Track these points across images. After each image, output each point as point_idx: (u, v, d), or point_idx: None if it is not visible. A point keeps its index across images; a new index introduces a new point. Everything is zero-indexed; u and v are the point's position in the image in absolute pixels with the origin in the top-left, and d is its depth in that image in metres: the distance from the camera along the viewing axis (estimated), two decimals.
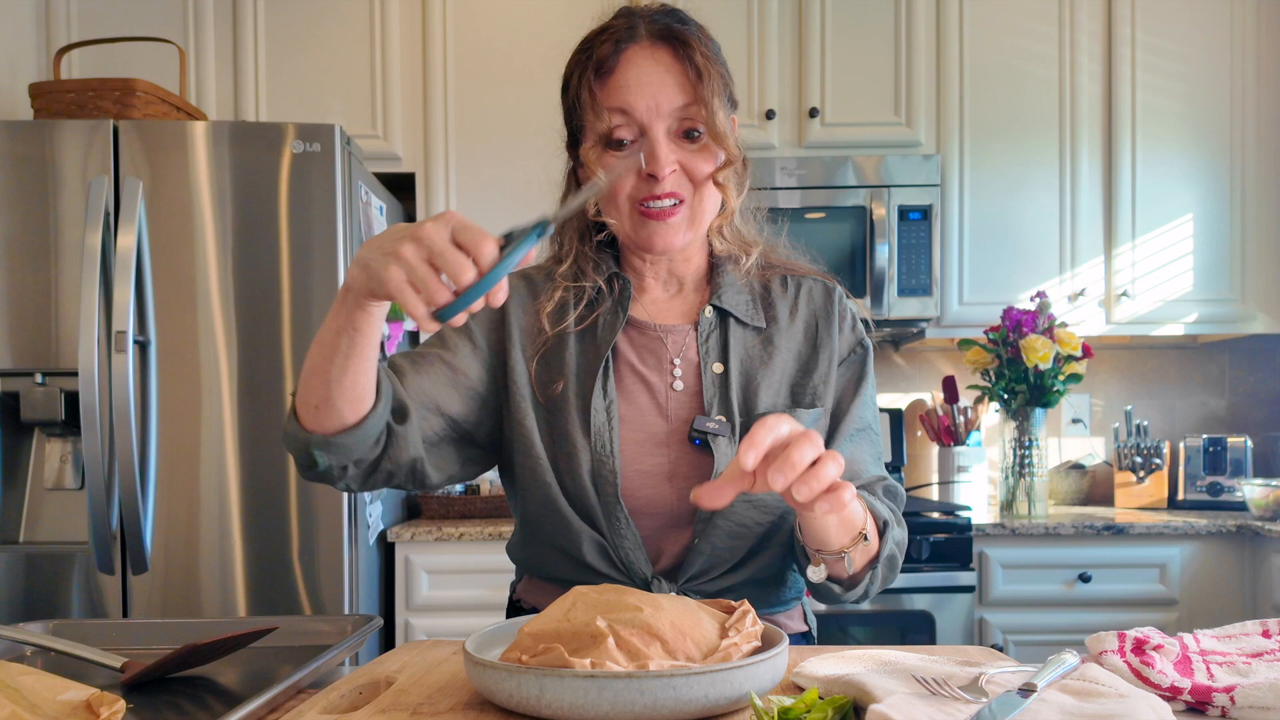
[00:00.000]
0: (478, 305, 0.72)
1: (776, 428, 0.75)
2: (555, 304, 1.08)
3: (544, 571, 1.10)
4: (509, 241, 0.73)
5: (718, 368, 1.05)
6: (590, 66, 1.01)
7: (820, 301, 1.11)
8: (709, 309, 1.08)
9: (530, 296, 1.10)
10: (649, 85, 0.98)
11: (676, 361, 1.07)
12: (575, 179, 1.10)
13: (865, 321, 1.15)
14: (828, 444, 1.06)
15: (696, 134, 1.00)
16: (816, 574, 0.94)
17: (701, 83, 0.98)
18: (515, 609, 1.16)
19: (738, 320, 1.08)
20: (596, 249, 1.10)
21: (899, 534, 1.00)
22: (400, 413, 0.97)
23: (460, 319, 0.73)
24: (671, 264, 1.10)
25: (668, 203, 1.00)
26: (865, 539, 0.91)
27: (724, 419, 1.02)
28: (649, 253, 1.05)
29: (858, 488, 1.02)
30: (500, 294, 0.73)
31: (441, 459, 1.04)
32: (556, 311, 1.08)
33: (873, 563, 0.95)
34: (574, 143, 1.07)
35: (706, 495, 0.78)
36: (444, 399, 1.03)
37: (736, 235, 1.11)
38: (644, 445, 1.03)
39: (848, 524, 0.90)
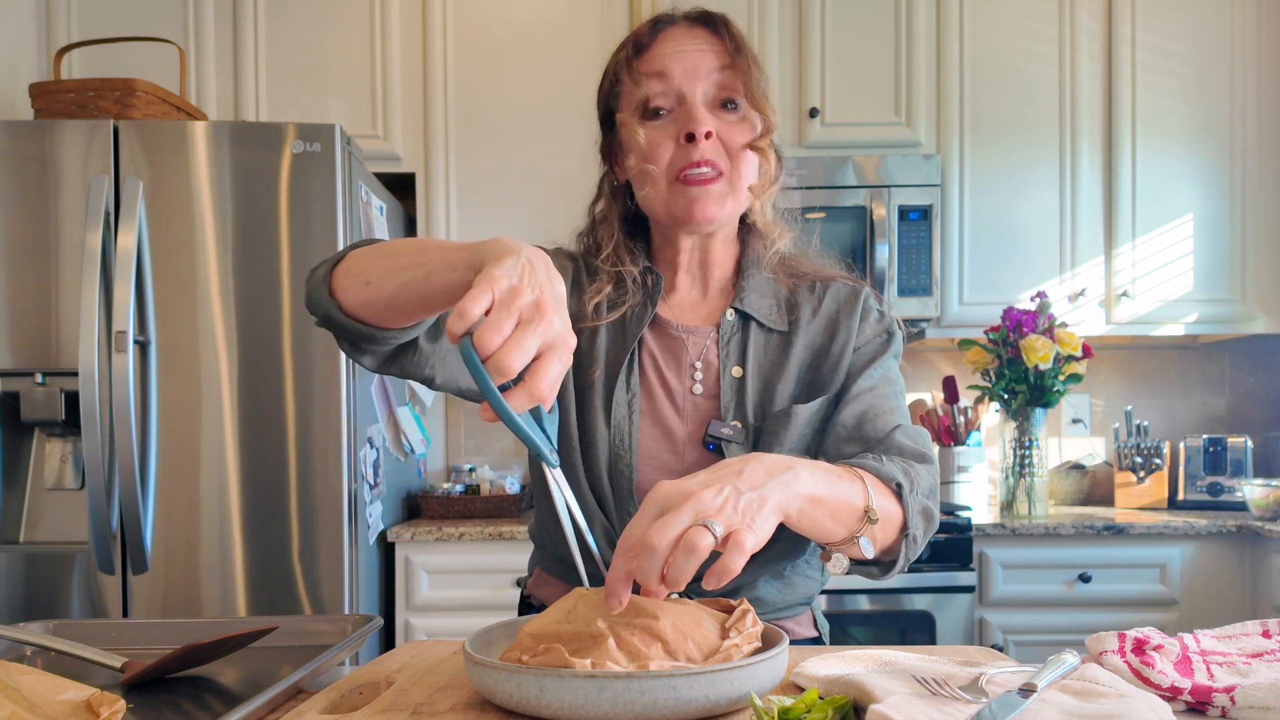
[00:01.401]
0: (475, 368, 0.67)
1: (627, 542, 0.71)
2: (603, 295, 1.07)
3: (555, 549, 1.10)
4: (540, 422, 0.73)
5: (736, 371, 1.05)
6: (629, 47, 1.04)
7: (845, 297, 1.09)
8: (730, 312, 1.07)
9: (575, 280, 1.11)
10: (687, 54, 1.01)
11: (697, 365, 1.06)
12: (609, 183, 1.11)
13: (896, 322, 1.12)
14: (834, 410, 1.03)
15: (733, 104, 1.02)
16: (836, 566, 0.89)
17: (740, 54, 1.02)
18: (526, 605, 1.16)
19: (759, 324, 1.07)
20: (632, 239, 1.10)
21: (926, 479, 0.93)
22: (436, 329, 0.96)
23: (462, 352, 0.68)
24: (705, 251, 1.09)
25: (706, 170, 1.01)
26: (872, 518, 0.84)
27: (739, 425, 1.02)
28: (688, 223, 1.03)
29: (871, 447, 0.98)
30: (485, 411, 0.69)
31: (455, 368, 1.01)
32: (601, 301, 1.08)
33: (903, 529, 0.89)
34: (608, 131, 1.08)
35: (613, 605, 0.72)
36: None
37: (772, 223, 1.11)
38: (661, 443, 1.04)
39: (841, 512, 0.82)
